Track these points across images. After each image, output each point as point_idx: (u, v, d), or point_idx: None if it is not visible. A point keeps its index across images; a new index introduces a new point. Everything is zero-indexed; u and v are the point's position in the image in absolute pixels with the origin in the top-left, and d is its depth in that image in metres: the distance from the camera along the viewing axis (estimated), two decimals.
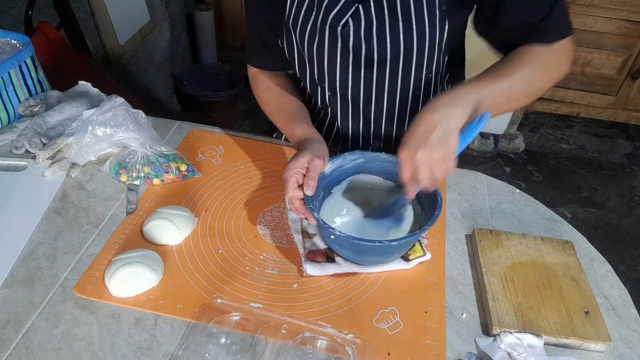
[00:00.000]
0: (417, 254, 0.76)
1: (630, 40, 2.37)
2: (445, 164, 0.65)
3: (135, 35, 2.08)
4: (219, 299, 0.68)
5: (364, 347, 0.63)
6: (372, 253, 0.72)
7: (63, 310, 0.66)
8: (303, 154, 0.73)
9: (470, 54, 0.96)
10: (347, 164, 0.80)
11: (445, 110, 0.66)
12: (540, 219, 0.88)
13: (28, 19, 1.41)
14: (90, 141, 0.87)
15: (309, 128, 0.84)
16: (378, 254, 0.73)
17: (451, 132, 0.65)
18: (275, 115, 0.92)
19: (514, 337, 0.65)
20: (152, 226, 0.76)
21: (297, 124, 0.84)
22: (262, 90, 0.95)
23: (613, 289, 0.76)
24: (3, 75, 0.95)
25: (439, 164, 0.65)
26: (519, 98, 0.75)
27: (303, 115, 0.88)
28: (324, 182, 0.78)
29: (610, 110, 2.63)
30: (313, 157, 0.73)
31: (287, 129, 0.87)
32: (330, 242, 0.74)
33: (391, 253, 0.73)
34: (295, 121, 0.86)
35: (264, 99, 0.94)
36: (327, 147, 0.78)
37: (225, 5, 2.66)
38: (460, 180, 0.95)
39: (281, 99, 0.92)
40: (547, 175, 2.46)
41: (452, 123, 0.65)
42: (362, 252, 0.72)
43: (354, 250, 0.72)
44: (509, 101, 0.73)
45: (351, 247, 0.71)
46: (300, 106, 0.91)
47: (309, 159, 0.73)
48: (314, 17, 0.80)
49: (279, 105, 0.92)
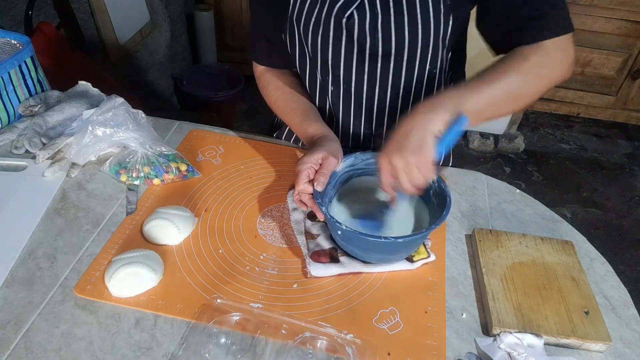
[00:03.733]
0: (422, 255, 0.76)
1: (630, 40, 2.37)
2: (421, 170, 0.66)
3: (135, 35, 2.08)
4: (219, 299, 0.68)
5: (364, 347, 0.63)
6: (378, 250, 0.72)
7: (63, 310, 0.66)
8: (318, 150, 0.74)
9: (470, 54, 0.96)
10: (358, 163, 0.81)
11: (423, 116, 0.66)
12: (540, 219, 0.88)
13: (28, 19, 1.41)
14: (90, 141, 0.87)
15: (323, 126, 0.84)
16: (384, 251, 0.72)
17: (427, 138, 0.65)
18: (286, 114, 0.92)
19: (514, 337, 0.65)
20: (152, 226, 0.76)
21: (310, 122, 0.85)
22: (272, 89, 0.94)
23: (613, 289, 0.76)
24: (3, 75, 0.95)
25: (415, 169, 0.66)
26: (505, 104, 0.72)
27: (315, 114, 0.89)
28: (334, 180, 0.78)
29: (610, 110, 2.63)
30: (328, 154, 0.74)
31: (300, 127, 0.87)
32: (338, 238, 0.74)
33: (397, 250, 0.73)
34: (308, 119, 0.86)
35: (273, 98, 0.94)
36: (340, 146, 0.79)
37: (225, 5, 2.66)
38: (460, 180, 0.95)
39: (292, 97, 0.92)
40: (547, 175, 2.46)
41: (429, 129, 0.65)
42: (369, 248, 0.72)
43: (360, 246, 0.72)
44: (493, 108, 0.71)
45: (358, 243, 0.71)
46: (311, 105, 0.91)
47: (323, 156, 0.74)
48: (319, 10, 0.80)
49: (290, 103, 0.91)
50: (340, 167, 0.78)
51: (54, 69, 1.35)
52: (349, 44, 0.82)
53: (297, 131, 0.89)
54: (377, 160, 0.69)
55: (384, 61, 0.83)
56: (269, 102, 0.96)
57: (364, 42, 0.80)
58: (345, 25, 0.79)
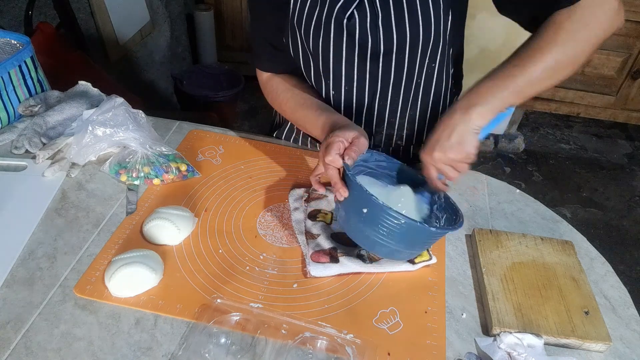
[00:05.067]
0: (424, 257, 0.76)
1: (630, 40, 2.37)
2: (459, 166, 0.71)
3: (135, 35, 2.08)
4: (218, 299, 0.68)
5: (364, 347, 0.63)
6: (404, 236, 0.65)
7: (63, 310, 0.66)
8: (350, 129, 0.73)
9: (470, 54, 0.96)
10: (371, 162, 0.78)
11: (464, 112, 0.69)
12: (540, 219, 0.88)
13: (28, 19, 1.41)
14: (90, 141, 0.87)
15: (345, 117, 0.82)
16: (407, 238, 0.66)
17: (468, 134, 0.69)
18: (300, 111, 0.89)
19: (514, 337, 0.65)
20: (152, 226, 0.76)
21: (330, 113, 0.83)
22: (280, 92, 0.92)
23: (613, 289, 0.76)
24: (3, 75, 0.95)
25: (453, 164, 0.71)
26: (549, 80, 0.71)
27: (331, 107, 0.87)
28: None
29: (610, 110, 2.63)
30: (360, 135, 0.73)
31: (319, 119, 0.83)
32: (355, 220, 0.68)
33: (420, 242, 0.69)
34: (327, 111, 0.84)
35: (284, 100, 0.92)
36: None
37: (225, 5, 2.66)
38: (460, 180, 0.95)
39: (303, 95, 0.90)
40: (547, 175, 2.46)
41: (471, 125, 0.69)
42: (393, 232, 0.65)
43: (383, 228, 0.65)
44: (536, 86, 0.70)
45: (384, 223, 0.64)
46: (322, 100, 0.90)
47: (355, 135, 0.72)
48: (319, 12, 0.80)
49: (303, 98, 0.89)
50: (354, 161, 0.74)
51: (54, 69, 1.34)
52: (351, 43, 0.82)
53: (315, 123, 0.84)
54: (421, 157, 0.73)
55: (386, 59, 0.83)
56: (279, 106, 0.94)
57: (366, 41, 0.80)
58: (346, 27, 0.79)
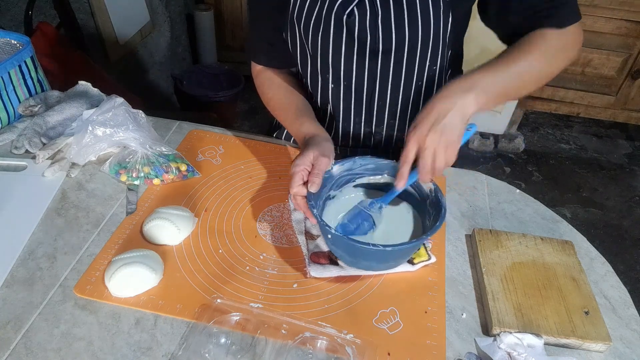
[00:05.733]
0: (422, 257, 0.76)
1: (630, 40, 2.36)
2: (448, 152, 0.67)
3: (135, 35, 2.08)
4: (218, 299, 0.68)
5: (364, 347, 0.63)
6: (367, 257, 0.69)
7: (63, 310, 0.66)
8: (309, 151, 0.74)
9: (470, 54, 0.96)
10: (356, 168, 0.78)
11: (460, 96, 0.68)
12: (540, 219, 0.88)
13: (28, 19, 1.41)
14: (90, 141, 0.87)
15: (316, 125, 0.83)
16: (373, 259, 0.69)
17: (462, 120, 0.68)
18: (280, 112, 0.92)
19: (514, 337, 0.65)
20: (152, 226, 0.76)
21: (303, 121, 0.84)
22: (267, 87, 0.95)
23: (613, 289, 0.76)
24: (3, 75, 0.95)
25: (443, 150, 0.67)
26: (530, 82, 0.77)
27: (309, 113, 0.88)
28: (331, 183, 0.77)
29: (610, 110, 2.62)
30: (318, 154, 0.73)
31: (292, 126, 0.87)
32: (328, 243, 0.73)
33: (385, 260, 0.70)
34: (301, 118, 0.86)
35: (268, 96, 0.94)
36: (332, 145, 0.78)
37: (225, 5, 2.65)
38: (460, 180, 0.95)
39: (287, 96, 0.92)
40: (547, 175, 2.46)
41: (466, 110, 0.68)
42: (357, 255, 0.68)
43: (349, 252, 0.69)
44: (519, 86, 0.76)
45: (346, 249, 0.68)
46: (306, 103, 0.91)
47: (314, 156, 0.73)
48: (319, 8, 0.80)
49: (284, 101, 0.91)
50: (337, 170, 0.76)
51: (54, 69, 1.35)
52: (350, 41, 0.82)
53: (291, 130, 0.88)
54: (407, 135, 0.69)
55: (385, 58, 0.83)
56: (264, 100, 0.96)
57: (365, 39, 0.81)
58: (346, 23, 0.80)
